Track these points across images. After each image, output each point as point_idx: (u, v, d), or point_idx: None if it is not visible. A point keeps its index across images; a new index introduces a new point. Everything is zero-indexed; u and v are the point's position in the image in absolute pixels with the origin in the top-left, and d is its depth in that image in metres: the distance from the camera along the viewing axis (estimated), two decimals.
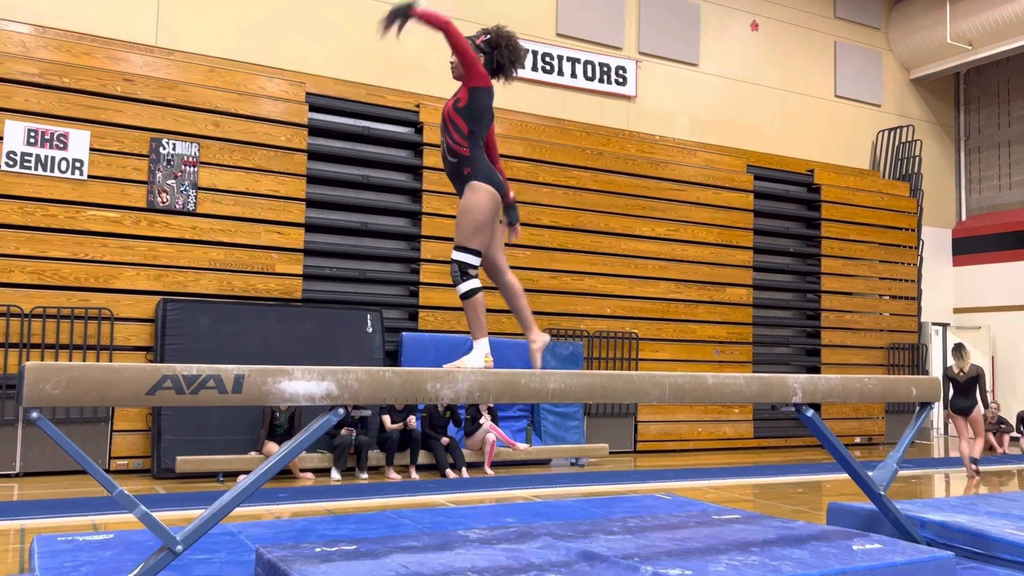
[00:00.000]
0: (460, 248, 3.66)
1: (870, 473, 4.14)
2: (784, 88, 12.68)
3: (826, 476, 8.49)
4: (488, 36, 3.81)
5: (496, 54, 3.78)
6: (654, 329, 10.91)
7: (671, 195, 11.20)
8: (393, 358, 9.07)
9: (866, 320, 12.78)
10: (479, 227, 3.64)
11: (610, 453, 9.56)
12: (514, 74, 3.87)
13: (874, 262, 12.93)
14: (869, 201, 12.91)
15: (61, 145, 7.83)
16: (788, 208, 12.42)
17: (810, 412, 3.95)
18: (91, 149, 7.95)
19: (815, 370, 12.22)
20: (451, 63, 3.74)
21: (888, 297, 13.18)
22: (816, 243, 12.50)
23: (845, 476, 6.01)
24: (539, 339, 3.87)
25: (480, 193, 3.65)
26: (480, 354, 3.65)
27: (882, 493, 4.11)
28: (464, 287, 3.67)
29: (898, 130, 13.67)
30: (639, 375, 3.57)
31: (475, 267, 3.70)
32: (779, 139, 12.52)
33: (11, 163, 7.64)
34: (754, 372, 11.64)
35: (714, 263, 11.45)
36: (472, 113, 3.66)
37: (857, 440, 12.29)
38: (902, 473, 8.45)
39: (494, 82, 3.80)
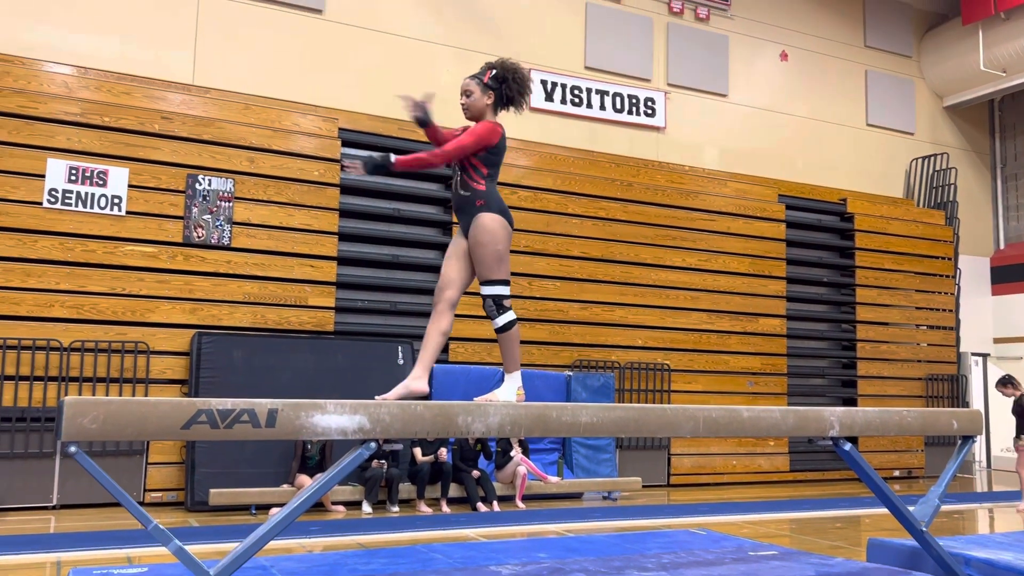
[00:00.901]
0: (489, 282, 3.69)
1: (911, 508, 4.05)
2: (815, 117, 12.63)
3: (865, 511, 8.30)
4: (494, 71, 3.83)
5: (504, 88, 3.81)
6: (686, 360, 10.82)
7: (702, 225, 11.16)
8: None
9: (903, 351, 12.56)
10: (501, 257, 3.69)
11: (643, 487, 9.45)
12: (524, 106, 3.93)
13: (910, 291, 12.74)
14: (904, 230, 12.76)
15: (101, 182, 8.01)
16: (821, 237, 12.31)
17: (848, 446, 3.88)
18: (129, 186, 8.12)
19: (851, 402, 12.01)
20: (462, 104, 3.81)
21: (925, 327, 12.96)
22: (850, 273, 12.35)
23: (884, 510, 5.86)
24: (418, 384, 3.60)
25: (496, 224, 3.70)
26: (512, 387, 3.65)
27: (924, 529, 4.00)
28: (501, 320, 3.68)
29: (932, 158, 13.53)
30: (672, 408, 3.54)
31: (508, 297, 3.71)
32: (811, 168, 12.45)
33: (53, 200, 7.83)
34: (789, 404, 11.48)
35: (746, 293, 11.36)
36: (490, 159, 3.77)
37: (896, 473, 12.02)
38: (944, 508, 8.24)
39: (507, 112, 3.83)
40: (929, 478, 12.09)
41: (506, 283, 3.69)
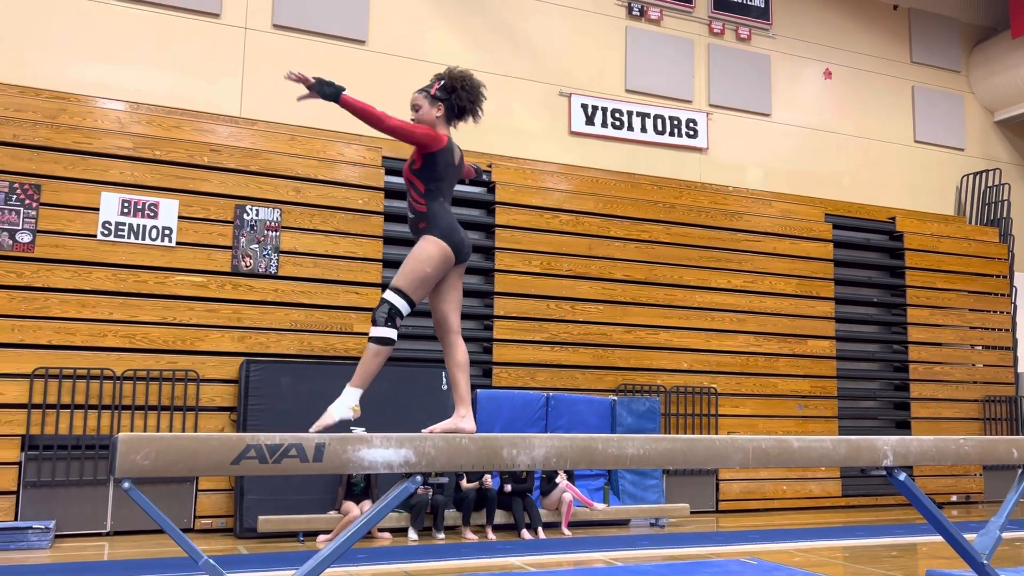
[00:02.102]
0: (396, 290, 3.56)
1: (971, 538, 3.92)
2: (861, 135, 12.45)
3: (921, 538, 8.06)
4: (442, 82, 3.74)
5: (454, 98, 3.71)
6: (733, 384, 10.67)
7: (747, 246, 11.04)
8: None
9: (958, 372, 12.23)
10: (423, 279, 3.57)
11: (691, 513, 9.30)
12: (479, 112, 3.78)
13: (964, 311, 12.41)
14: (956, 248, 12.47)
15: (152, 214, 8.21)
16: (870, 257, 12.09)
17: (903, 476, 3.78)
18: (179, 217, 8.31)
19: (905, 424, 11.71)
20: (411, 120, 3.71)
21: (981, 347, 12.61)
22: (901, 292, 12.09)
23: (942, 538, 5.70)
24: (466, 423, 3.55)
25: (432, 246, 3.59)
26: (348, 402, 3.47)
27: (985, 562, 3.88)
28: (380, 331, 3.51)
29: (984, 174, 13.23)
30: (720, 439, 3.49)
31: (402, 316, 3.57)
32: (858, 187, 12.26)
33: (106, 232, 8.04)
34: (840, 427, 11.25)
35: (794, 315, 11.18)
36: (427, 174, 3.64)
37: (954, 499, 11.67)
38: (1005, 535, 7.96)
39: (460, 126, 3.76)
40: (989, 503, 11.71)
41: (411, 303, 3.56)
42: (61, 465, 7.56)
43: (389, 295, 3.56)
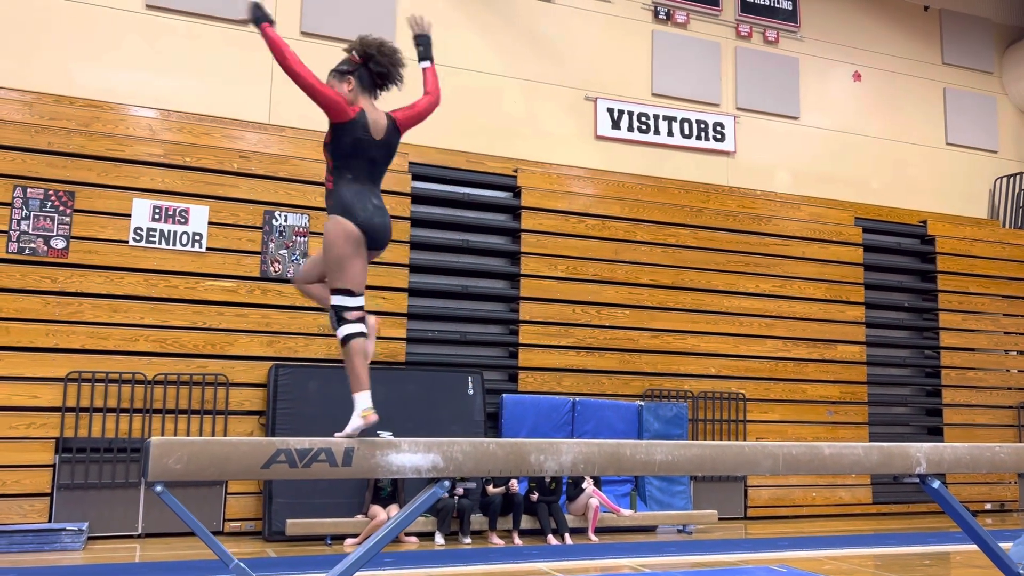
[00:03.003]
0: (333, 291, 3.38)
1: (1005, 547, 3.85)
2: (891, 138, 12.30)
3: (955, 547, 7.93)
4: (352, 52, 3.53)
5: (372, 64, 3.50)
6: (762, 389, 10.58)
7: (775, 250, 10.95)
8: (493, 420, 9.09)
9: (992, 377, 12.03)
10: (340, 264, 3.34)
11: (719, 519, 9.22)
12: (399, 77, 3.55)
13: (997, 316, 12.21)
14: (989, 252, 12.27)
15: (183, 220, 8.31)
16: (901, 261, 11.93)
17: (936, 484, 3.73)
18: (209, 223, 8.40)
19: (937, 431, 11.54)
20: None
21: (1015, 352, 12.39)
22: (932, 297, 11.92)
23: (977, 547, 5.60)
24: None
25: (331, 225, 3.37)
26: (358, 410, 3.27)
27: (1021, 572, 3.80)
28: (341, 332, 3.32)
29: (1018, 176, 13.00)
30: (750, 445, 3.46)
31: (351, 308, 3.35)
32: (888, 190, 12.10)
33: (138, 238, 8.15)
34: (871, 433, 11.10)
35: (823, 320, 11.06)
36: (334, 149, 3.43)
37: (988, 507, 11.47)
38: None
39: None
40: None
41: (349, 293, 3.34)
42: (94, 468, 7.67)
43: (332, 300, 3.38)
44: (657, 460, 3.26)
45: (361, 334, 3.36)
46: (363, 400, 3.31)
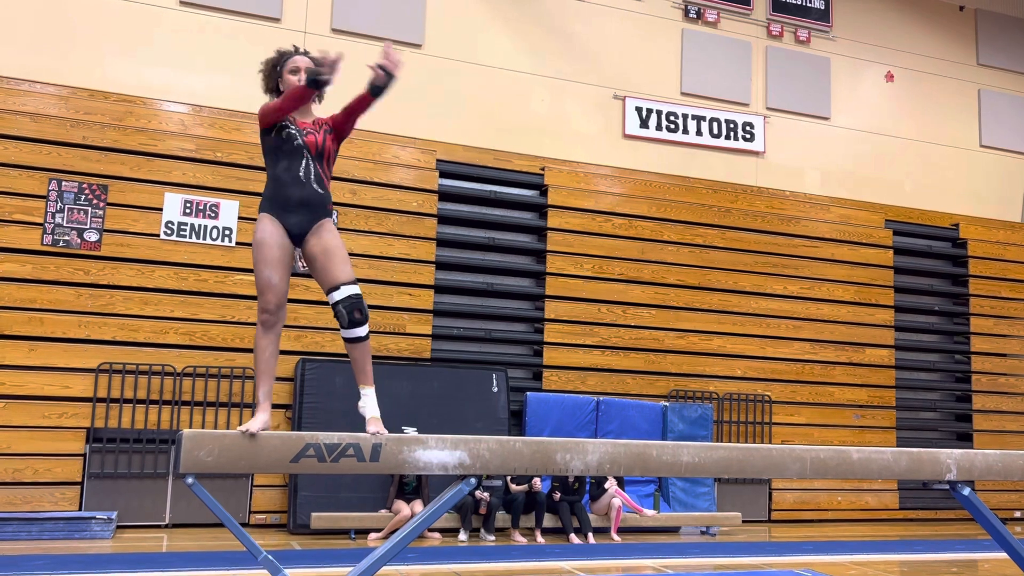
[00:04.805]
0: (346, 283, 3.79)
1: None
2: (923, 139, 12.14)
3: (983, 554, 7.82)
4: (259, 72, 3.80)
5: (277, 71, 3.77)
6: (788, 392, 10.49)
7: (804, 252, 10.85)
8: (517, 417, 9.10)
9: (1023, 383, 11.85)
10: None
11: (743, 522, 9.17)
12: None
13: None
14: (1022, 256, 12.07)
15: (213, 214, 8.40)
16: (932, 264, 11.78)
17: (967, 491, 3.68)
18: (239, 217, 8.48)
19: (966, 437, 11.38)
20: None
21: None
22: (964, 301, 11.76)
23: (1005, 555, 5.52)
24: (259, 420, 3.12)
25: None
26: (373, 401, 3.39)
27: None
28: (367, 327, 3.65)
29: None
30: (778, 448, 3.44)
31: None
32: (920, 193, 11.95)
33: (169, 232, 8.25)
34: (898, 438, 10.97)
35: (852, 322, 10.95)
36: (264, 145, 3.68)
37: (1017, 515, 11.29)
38: None
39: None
40: None
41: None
42: (123, 458, 7.78)
43: (352, 290, 3.81)
44: (683, 462, 3.25)
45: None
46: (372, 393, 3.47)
